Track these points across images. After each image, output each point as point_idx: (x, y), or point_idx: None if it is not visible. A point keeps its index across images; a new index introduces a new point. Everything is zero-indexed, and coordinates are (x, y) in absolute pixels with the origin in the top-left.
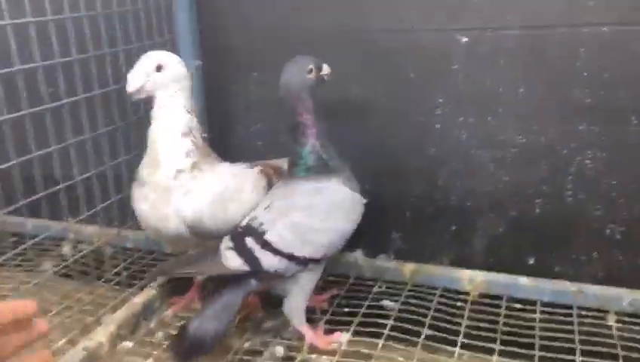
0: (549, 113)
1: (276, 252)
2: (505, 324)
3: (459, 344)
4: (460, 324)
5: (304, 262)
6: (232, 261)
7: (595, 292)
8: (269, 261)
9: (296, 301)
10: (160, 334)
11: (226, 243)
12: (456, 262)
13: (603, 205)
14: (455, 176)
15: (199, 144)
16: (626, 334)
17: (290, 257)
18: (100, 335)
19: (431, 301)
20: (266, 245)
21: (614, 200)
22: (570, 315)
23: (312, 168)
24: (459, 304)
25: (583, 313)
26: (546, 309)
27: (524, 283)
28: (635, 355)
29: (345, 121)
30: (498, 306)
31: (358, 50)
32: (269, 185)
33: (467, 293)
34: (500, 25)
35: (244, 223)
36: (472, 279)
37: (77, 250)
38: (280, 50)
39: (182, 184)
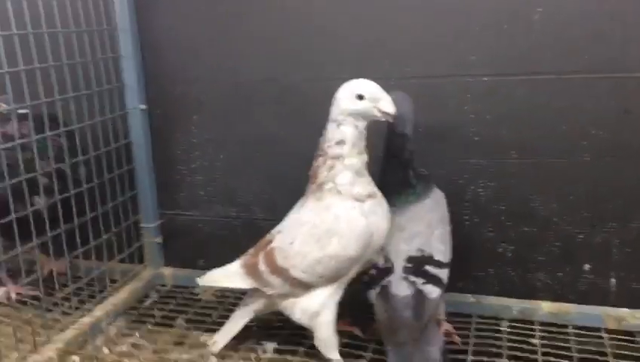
0: (446, 149)
1: (442, 266)
2: None
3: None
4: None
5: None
6: (434, 293)
7: (490, 302)
8: (445, 276)
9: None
10: (105, 350)
11: (418, 281)
12: None
13: (494, 227)
14: None
15: None
16: (514, 337)
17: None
18: (50, 351)
19: None
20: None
21: (503, 223)
22: (469, 323)
23: (420, 192)
24: None
25: (480, 321)
26: (449, 319)
27: None
28: (519, 354)
29: (274, 159)
30: None
31: (282, 98)
32: None
33: None
34: (402, 75)
35: (407, 259)
36: None
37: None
38: (216, 97)
39: None
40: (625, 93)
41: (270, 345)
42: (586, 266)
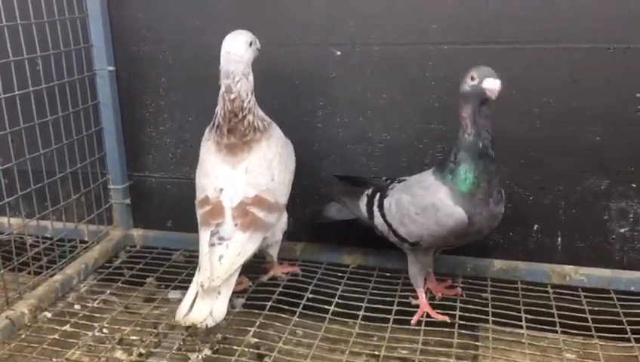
0: (407, 115)
1: (383, 216)
2: (374, 288)
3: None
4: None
5: (401, 238)
6: (362, 205)
7: (446, 260)
8: (377, 220)
9: (411, 269)
10: (77, 306)
11: (369, 189)
12: (341, 241)
13: None
14: (334, 168)
15: None
16: (467, 291)
17: (390, 227)
18: (22, 307)
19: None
20: (381, 207)
21: None
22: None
23: (447, 178)
24: (339, 274)
25: (437, 277)
26: (407, 276)
27: (392, 256)
28: (471, 307)
29: None
30: (371, 275)
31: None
32: None
33: (347, 266)
34: (366, 42)
35: (388, 181)
36: (351, 254)
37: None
38: (184, 60)
39: None
40: (573, 62)
41: (239, 301)
42: (535, 226)
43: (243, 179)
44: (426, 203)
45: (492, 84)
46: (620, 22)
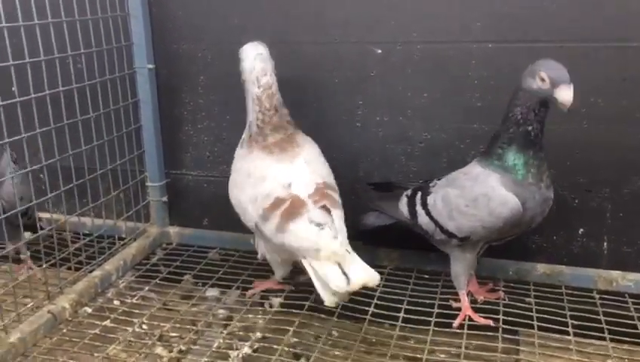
0: (448, 114)
1: (428, 214)
2: (412, 290)
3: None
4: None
5: (449, 234)
6: (402, 206)
7: (487, 263)
8: (422, 218)
9: (455, 269)
10: (116, 302)
11: (408, 190)
12: (378, 242)
13: None
14: (373, 168)
15: None
16: (510, 296)
17: (437, 224)
18: (63, 301)
19: None
20: (424, 205)
21: None
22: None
23: (495, 165)
24: None
25: (478, 280)
26: (447, 278)
27: (431, 258)
28: (515, 311)
29: None
30: (409, 276)
31: (291, 59)
32: None
33: (384, 267)
34: (407, 40)
35: (427, 181)
36: (388, 255)
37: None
38: (223, 58)
39: None
40: (624, 61)
41: (276, 300)
42: (580, 230)
43: (307, 169)
44: (476, 193)
45: (566, 97)
46: None
